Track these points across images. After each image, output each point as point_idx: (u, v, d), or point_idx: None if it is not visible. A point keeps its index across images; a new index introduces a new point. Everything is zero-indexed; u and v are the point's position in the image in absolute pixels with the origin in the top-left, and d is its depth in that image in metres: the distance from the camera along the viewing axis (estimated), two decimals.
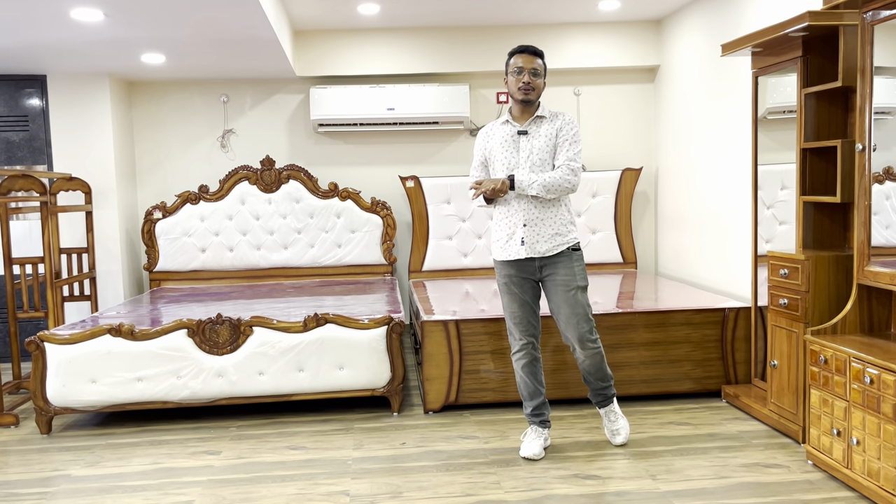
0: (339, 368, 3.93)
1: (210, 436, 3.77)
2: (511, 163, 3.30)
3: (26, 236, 5.46)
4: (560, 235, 3.30)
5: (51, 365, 3.80)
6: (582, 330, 3.28)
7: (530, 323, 3.38)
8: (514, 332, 3.39)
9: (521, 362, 3.40)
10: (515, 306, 3.36)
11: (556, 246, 3.29)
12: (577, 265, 3.32)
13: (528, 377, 3.40)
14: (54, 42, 4.42)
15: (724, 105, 4.77)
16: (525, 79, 3.27)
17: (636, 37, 5.77)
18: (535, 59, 3.30)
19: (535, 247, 3.27)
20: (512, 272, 3.33)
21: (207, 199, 5.74)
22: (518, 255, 3.29)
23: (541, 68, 3.31)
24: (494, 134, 3.39)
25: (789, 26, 3.24)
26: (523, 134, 3.31)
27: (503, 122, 3.39)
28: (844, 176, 3.23)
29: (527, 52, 3.31)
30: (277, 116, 5.98)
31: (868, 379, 2.74)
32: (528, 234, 3.28)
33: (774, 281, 3.54)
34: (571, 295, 3.27)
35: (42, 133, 5.48)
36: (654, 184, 6.05)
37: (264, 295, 5.09)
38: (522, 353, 3.39)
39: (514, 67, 3.31)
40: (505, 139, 3.34)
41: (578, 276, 3.30)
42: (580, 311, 3.28)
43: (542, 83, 3.34)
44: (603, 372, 3.41)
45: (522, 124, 3.33)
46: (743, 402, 3.87)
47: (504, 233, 3.34)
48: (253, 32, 4.31)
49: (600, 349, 3.36)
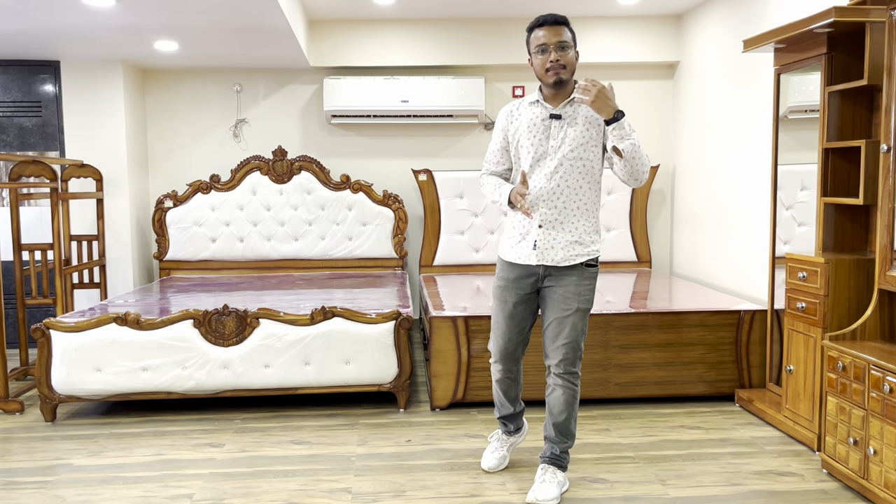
0: (346, 363, 3.88)
1: (214, 428, 3.73)
2: (538, 151, 2.78)
3: (37, 222, 5.45)
4: (580, 244, 2.79)
5: (56, 352, 3.78)
6: (563, 354, 2.80)
7: (511, 341, 2.93)
8: (494, 343, 2.99)
9: (497, 376, 3.04)
10: (501, 317, 2.92)
11: (573, 256, 2.78)
12: (586, 284, 2.81)
13: (501, 392, 3.06)
14: (67, 28, 4.39)
15: (744, 103, 4.67)
16: (553, 56, 2.71)
17: (656, 32, 5.67)
18: (561, 30, 2.73)
19: (547, 254, 2.78)
20: (511, 276, 2.88)
21: (219, 188, 5.70)
22: (528, 259, 2.82)
23: (569, 39, 2.75)
24: (521, 115, 2.85)
25: (814, 22, 3.14)
26: (556, 118, 2.77)
27: (532, 101, 2.85)
28: (868, 177, 3.13)
29: (548, 22, 2.74)
30: (290, 107, 5.93)
31: (888, 388, 2.65)
32: (543, 237, 2.78)
33: (792, 284, 3.45)
34: (566, 317, 2.79)
35: (55, 119, 5.47)
36: (670, 182, 5.96)
37: (274, 286, 5.05)
38: (498, 367, 3.01)
39: (536, 45, 2.75)
40: (534, 122, 2.80)
41: (583, 297, 2.80)
42: (571, 334, 2.79)
43: (575, 56, 2.77)
44: (567, 422, 2.87)
45: (556, 107, 2.80)
46: (757, 406, 3.78)
47: (517, 231, 2.87)
48: (266, 21, 4.25)
49: (575, 389, 2.85)
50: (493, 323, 2.97)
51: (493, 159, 2.97)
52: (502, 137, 2.92)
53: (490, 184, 2.94)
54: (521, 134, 2.83)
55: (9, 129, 5.43)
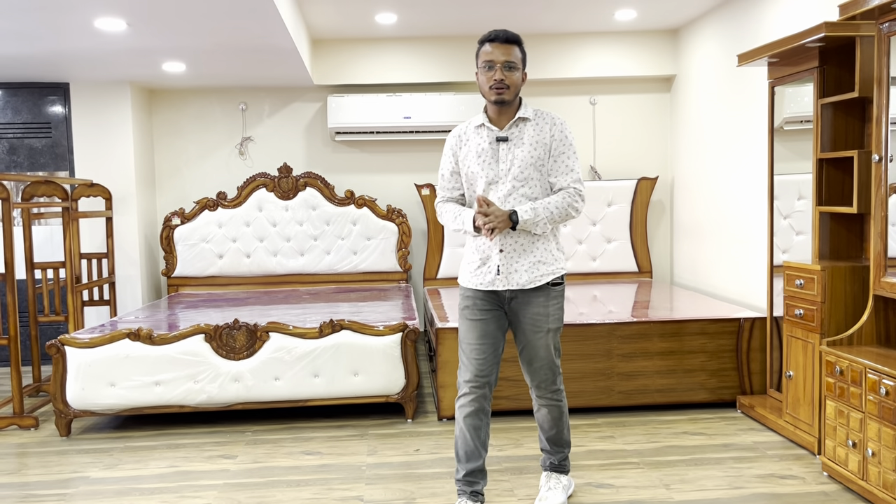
0: (354, 374, 3.96)
1: (226, 440, 3.80)
2: (490, 176, 2.70)
3: (48, 241, 5.55)
4: (543, 264, 2.72)
5: (71, 368, 3.86)
6: (543, 377, 2.79)
7: (487, 362, 2.73)
8: (466, 371, 2.75)
9: (466, 410, 2.75)
10: (473, 337, 2.74)
11: (538, 277, 2.71)
12: (554, 304, 2.75)
13: (469, 432, 2.74)
14: (77, 51, 4.50)
15: (740, 115, 4.77)
16: (497, 75, 2.63)
17: (652, 46, 5.78)
18: (511, 49, 2.65)
19: (511, 277, 2.70)
20: (477, 297, 2.76)
21: (225, 205, 5.80)
22: (493, 285, 2.71)
23: (518, 60, 2.66)
24: (468, 140, 2.78)
25: (806, 37, 3.24)
26: (503, 141, 2.70)
27: (478, 124, 2.76)
28: (861, 187, 3.22)
29: (499, 39, 2.65)
30: (295, 124, 6.04)
31: (884, 390, 2.73)
32: (505, 262, 2.70)
33: (790, 291, 3.53)
34: (539, 337, 2.74)
35: (64, 140, 5.57)
36: (669, 193, 6.05)
37: (281, 301, 5.14)
38: (470, 398, 2.74)
39: (483, 60, 2.67)
40: (482, 148, 2.73)
41: (552, 316, 2.75)
42: (546, 355, 2.76)
43: (521, 77, 2.69)
44: (559, 433, 2.88)
45: (501, 128, 2.72)
46: (758, 412, 3.85)
47: (476, 256, 2.76)
48: (271, 42, 4.36)
49: (560, 404, 2.84)
50: (464, 348, 2.78)
51: (448, 185, 2.86)
52: (453, 162, 2.82)
53: (449, 212, 2.82)
54: (470, 160, 2.75)
55: (20, 149, 5.54)
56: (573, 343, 4.01)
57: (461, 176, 2.82)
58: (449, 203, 2.85)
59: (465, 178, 2.79)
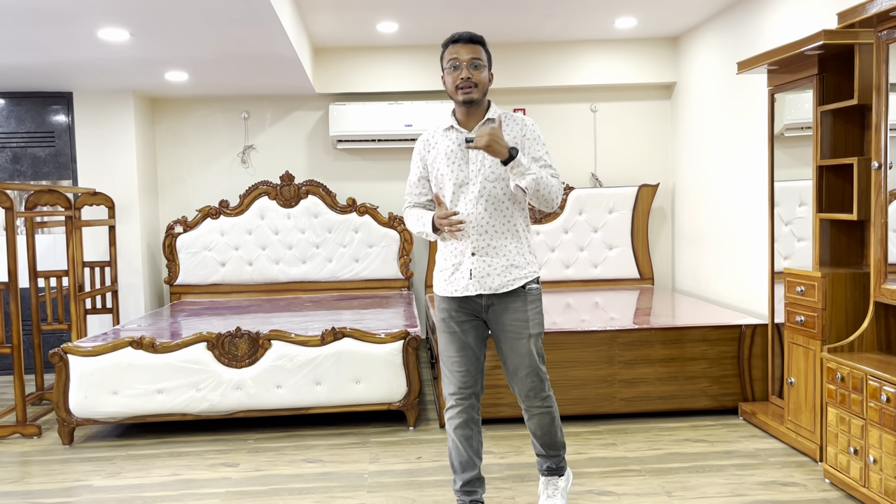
0: (356, 382, 3.96)
1: (228, 448, 3.81)
2: (459, 178, 2.67)
3: (51, 249, 5.57)
4: (516, 268, 2.69)
5: (73, 377, 3.87)
6: (530, 384, 2.71)
7: (470, 373, 2.71)
8: (450, 384, 2.74)
9: (455, 422, 2.73)
10: (454, 349, 2.72)
11: (511, 280, 2.67)
12: (533, 307, 2.71)
13: (461, 442, 2.72)
14: (81, 60, 4.53)
15: (740, 121, 4.78)
16: (464, 74, 2.62)
17: (653, 54, 5.80)
18: (476, 48, 2.65)
19: (484, 281, 2.66)
20: (453, 307, 2.72)
21: (227, 213, 5.82)
22: (465, 291, 2.67)
23: (483, 58, 2.67)
24: (437, 143, 2.76)
25: (805, 45, 3.26)
26: (472, 142, 2.62)
27: (447, 127, 2.75)
28: (861, 193, 3.23)
29: (463, 39, 2.65)
30: (297, 132, 6.06)
31: (885, 397, 2.73)
32: (478, 265, 2.66)
33: (791, 298, 3.53)
34: (522, 344, 2.68)
35: (68, 149, 5.60)
36: (671, 200, 6.06)
37: (283, 309, 5.15)
38: (458, 409, 2.72)
39: (448, 61, 2.66)
40: (450, 149, 2.70)
41: (532, 321, 2.70)
42: (530, 362, 2.69)
43: (487, 76, 2.69)
44: (552, 438, 2.83)
45: (471, 129, 2.71)
46: (760, 419, 3.85)
47: (449, 263, 2.72)
48: (273, 51, 4.39)
49: (551, 410, 2.78)
50: (445, 361, 2.76)
51: (415, 191, 2.83)
52: (421, 167, 2.80)
53: (412, 216, 2.80)
54: (439, 163, 2.72)
55: (23, 159, 5.57)
56: (575, 350, 4.01)
57: (429, 181, 2.79)
58: (415, 208, 2.83)
59: (434, 182, 2.76)
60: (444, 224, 2.59)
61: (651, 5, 4.81)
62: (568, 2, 4.66)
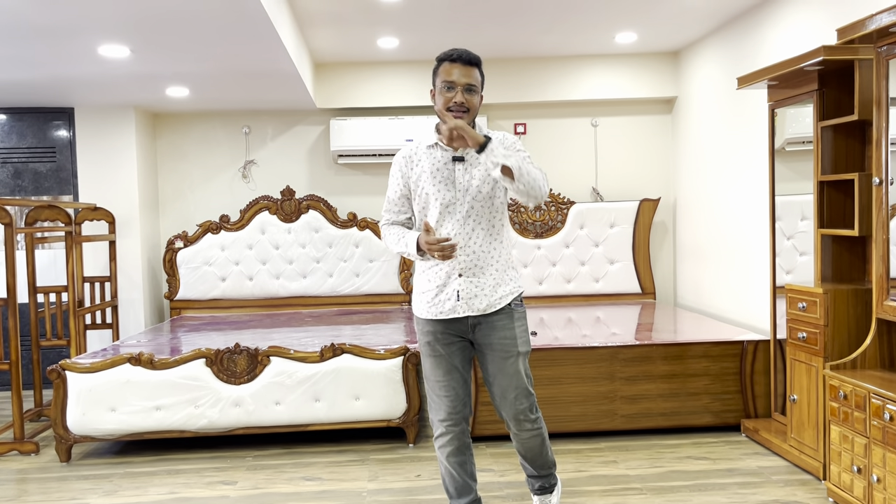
0: (356, 399, 3.94)
1: (226, 465, 3.78)
2: (447, 198, 2.59)
3: (51, 265, 5.56)
4: (502, 285, 2.64)
5: (71, 393, 3.85)
6: (520, 406, 2.64)
7: (458, 397, 2.64)
8: (439, 409, 2.66)
9: (447, 449, 2.67)
10: (441, 373, 2.64)
11: (499, 300, 2.62)
12: (520, 325, 2.66)
13: (455, 469, 2.67)
14: (82, 76, 4.54)
15: (741, 136, 4.78)
16: (458, 98, 2.54)
17: (653, 69, 5.80)
18: (472, 71, 2.58)
19: (472, 302, 2.60)
20: (438, 329, 2.64)
21: (228, 228, 5.81)
22: (454, 312, 2.60)
23: (478, 83, 2.59)
24: (420, 160, 2.65)
25: (804, 60, 3.25)
26: (459, 160, 2.59)
27: (431, 144, 2.65)
28: (862, 209, 3.21)
29: (462, 60, 2.56)
30: (298, 147, 6.06)
31: (888, 416, 2.70)
32: (465, 286, 2.59)
33: (793, 314, 3.51)
34: (510, 363, 2.62)
35: (69, 164, 5.61)
36: (672, 214, 6.04)
37: (283, 324, 5.13)
38: (449, 436, 2.66)
39: (443, 81, 2.57)
40: (436, 167, 2.61)
41: (520, 338, 2.64)
42: (519, 382, 2.63)
43: (479, 101, 2.61)
44: (543, 458, 2.77)
45: (456, 149, 2.59)
46: (762, 436, 3.82)
47: (433, 284, 2.63)
48: (275, 66, 4.40)
49: (541, 431, 2.72)
50: (432, 386, 2.68)
51: (394, 208, 2.74)
52: (402, 185, 2.69)
53: (393, 234, 2.71)
54: (423, 181, 2.62)
55: (24, 174, 5.58)
56: (576, 366, 3.99)
57: (410, 199, 2.71)
58: (394, 226, 2.74)
59: (418, 200, 2.66)
60: (434, 249, 2.48)
61: (651, 20, 4.82)
62: (568, 17, 4.67)
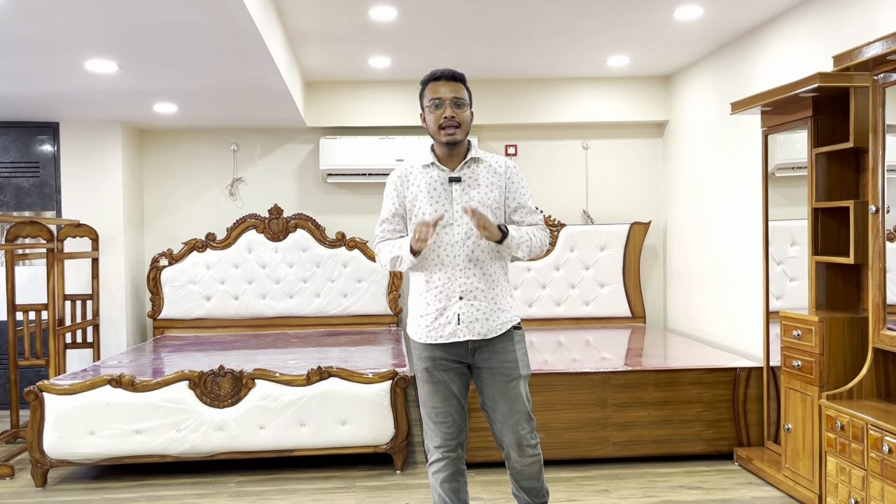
0: (342, 424, 3.85)
1: (208, 492, 3.67)
2: (446, 218, 2.56)
3: (31, 282, 5.44)
4: (502, 311, 2.60)
5: (49, 416, 3.74)
6: (522, 432, 2.58)
7: (455, 423, 2.60)
8: (434, 436, 2.62)
9: (441, 475, 2.61)
10: (438, 400, 2.59)
11: (499, 325, 2.58)
12: (520, 348, 2.62)
13: (448, 496, 2.62)
14: (68, 91, 4.46)
15: (732, 161, 4.76)
16: (447, 112, 2.53)
17: (645, 92, 5.80)
18: (458, 86, 2.56)
19: (473, 326, 2.55)
20: (437, 355, 2.59)
21: (214, 246, 5.73)
22: (454, 336, 2.54)
23: (465, 97, 2.58)
24: (416, 179, 2.62)
25: (800, 87, 3.24)
26: (456, 181, 2.58)
27: (427, 163, 2.62)
28: (857, 237, 3.19)
29: (445, 77, 2.56)
30: (287, 166, 6.00)
31: (886, 448, 2.65)
32: (466, 309, 2.55)
33: (787, 342, 3.47)
34: (512, 387, 2.57)
35: (52, 179, 5.51)
36: (662, 238, 6.02)
37: (268, 345, 5.03)
38: (444, 462, 2.61)
39: (430, 99, 2.56)
40: (433, 187, 2.59)
41: (521, 362, 2.60)
42: (521, 406, 2.58)
43: (469, 115, 2.59)
44: (541, 485, 2.69)
45: (453, 169, 2.61)
46: (756, 465, 3.76)
47: (432, 307, 2.58)
48: (265, 84, 4.34)
49: (540, 457, 2.66)
50: (428, 412, 2.63)
51: (389, 227, 2.68)
52: (398, 203, 2.65)
53: (386, 245, 2.66)
54: (420, 200, 2.59)
55: (6, 189, 5.47)
56: (567, 392, 3.92)
57: (405, 218, 2.67)
58: (388, 241, 2.68)
59: (413, 219, 2.62)
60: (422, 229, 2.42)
61: (643, 44, 4.81)
62: (560, 40, 4.66)
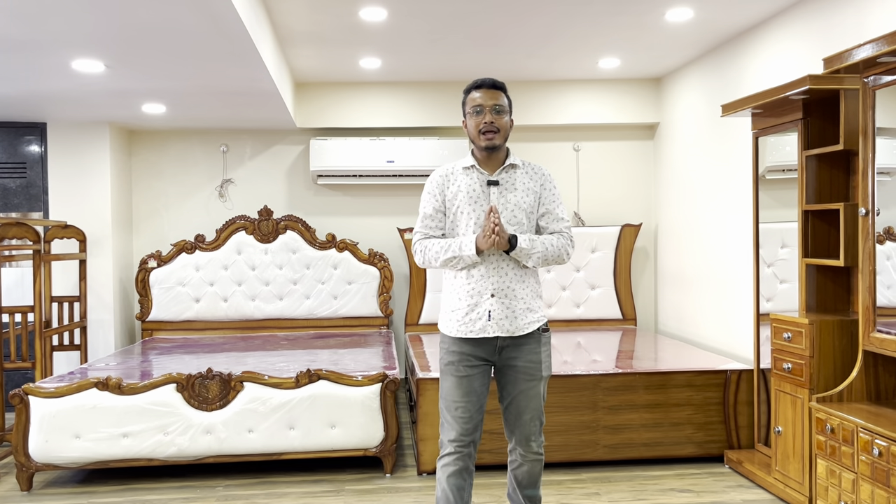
0: (331, 427, 3.82)
1: (196, 496, 3.64)
2: (482, 219, 2.65)
3: (18, 284, 5.39)
4: (532, 311, 2.67)
5: (34, 419, 3.70)
6: (533, 429, 2.67)
7: (473, 420, 2.64)
8: (450, 430, 2.65)
9: (450, 469, 2.65)
10: (460, 394, 2.63)
11: (528, 324, 2.65)
12: (545, 350, 2.70)
13: (451, 492, 2.64)
14: (55, 91, 4.42)
15: (723, 163, 4.77)
16: (487, 118, 2.65)
17: (636, 94, 5.80)
18: (498, 94, 2.69)
19: (502, 324, 2.62)
20: (466, 350, 2.65)
21: (203, 248, 5.69)
22: (484, 332, 2.61)
23: (505, 104, 2.70)
24: (457, 180, 2.72)
25: (790, 89, 3.24)
26: (494, 184, 2.68)
27: (467, 166, 2.73)
28: (848, 239, 3.19)
29: (486, 85, 2.69)
30: (277, 167, 5.97)
31: (877, 451, 2.65)
32: (497, 307, 2.62)
33: (778, 345, 3.46)
34: (533, 386, 2.65)
35: (39, 180, 5.46)
36: (653, 240, 6.02)
37: (258, 347, 5.00)
38: (455, 457, 2.64)
39: (472, 106, 2.69)
40: (472, 189, 2.69)
41: (545, 363, 2.68)
42: (536, 405, 2.67)
43: (509, 122, 2.71)
44: (538, 488, 2.77)
45: (492, 173, 2.71)
46: (746, 468, 3.75)
47: (464, 303, 2.65)
48: (255, 85, 4.31)
49: (542, 458, 2.74)
50: (448, 405, 2.66)
51: (431, 224, 2.74)
52: (440, 201, 2.73)
53: (435, 244, 2.69)
54: (460, 200, 2.69)
55: None
56: (558, 394, 3.91)
57: (446, 215, 2.73)
58: (431, 239, 2.72)
59: (451, 218, 2.71)
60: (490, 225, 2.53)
61: (635, 47, 4.81)
62: (552, 42, 4.65)
